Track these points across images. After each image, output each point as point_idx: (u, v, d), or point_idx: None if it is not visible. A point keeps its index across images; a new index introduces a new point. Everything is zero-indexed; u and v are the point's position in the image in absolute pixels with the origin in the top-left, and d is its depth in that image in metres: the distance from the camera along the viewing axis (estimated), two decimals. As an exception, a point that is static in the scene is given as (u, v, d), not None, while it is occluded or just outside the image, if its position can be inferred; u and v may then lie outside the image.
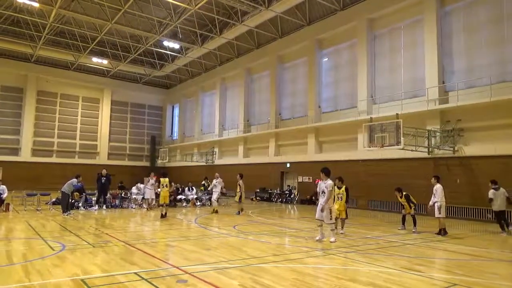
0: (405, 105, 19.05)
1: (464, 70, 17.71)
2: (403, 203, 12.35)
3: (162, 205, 15.06)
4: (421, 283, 5.90)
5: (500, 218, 12.16)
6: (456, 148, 16.90)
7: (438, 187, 11.53)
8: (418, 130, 16.99)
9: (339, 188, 11.11)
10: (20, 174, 32.40)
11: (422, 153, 17.41)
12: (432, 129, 17.50)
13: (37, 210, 16.29)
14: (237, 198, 16.98)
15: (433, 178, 11.95)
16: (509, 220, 12.81)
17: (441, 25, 18.48)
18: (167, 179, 15.45)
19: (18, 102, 36.50)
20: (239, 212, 16.70)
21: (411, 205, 12.14)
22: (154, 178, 18.02)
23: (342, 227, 11.17)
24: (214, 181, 17.63)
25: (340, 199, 11.00)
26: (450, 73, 18.19)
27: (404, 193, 12.26)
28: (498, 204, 11.95)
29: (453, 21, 18.34)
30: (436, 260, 8.20)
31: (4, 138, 35.51)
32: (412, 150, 16.77)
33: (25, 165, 34.97)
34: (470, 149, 16.50)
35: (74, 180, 15.37)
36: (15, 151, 35.97)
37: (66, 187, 15.09)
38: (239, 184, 16.84)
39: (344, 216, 11.12)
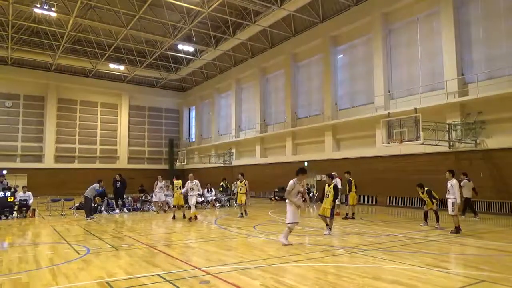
0: (423, 99, 18.70)
1: (484, 61, 17.27)
2: (424, 199, 12.12)
3: (174, 207, 15.26)
4: (447, 280, 5.78)
5: (466, 204, 14.43)
6: (478, 141, 16.50)
7: (455, 183, 10.74)
8: (438, 124, 16.65)
9: (328, 185, 10.65)
10: (44, 181, 33.28)
11: (443, 148, 17.06)
12: (453, 122, 17.14)
13: (62, 215, 16.71)
14: (243, 200, 15.13)
15: (447, 172, 11.06)
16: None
17: (459, 15, 18.07)
18: (180, 181, 15.62)
19: (40, 110, 37.55)
20: (242, 214, 15.15)
21: (433, 200, 11.90)
22: (163, 182, 18.12)
23: (329, 228, 10.47)
24: (189, 183, 14.71)
25: (327, 196, 10.52)
26: (469, 64, 17.77)
27: (425, 188, 12.03)
28: (466, 193, 14.19)
29: (470, 11, 17.91)
30: (461, 256, 8.01)
31: (28, 145, 36.60)
32: (432, 145, 16.45)
33: (49, 171, 35.91)
34: (493, 142, 16.07)
35: (96, 184, 15.69)
36: (39, 158, 36.98)
37: (88, 192, 15.42)
38: (245, 184, 15.26)
39: (328, 215, 10.35)
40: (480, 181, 15.91)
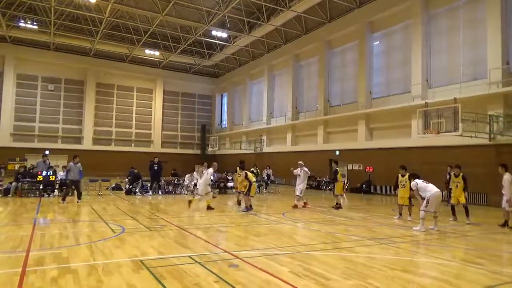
0: (463, 88, 17.86)
1: (532, 49, 16.23)
2: (457, 182, 11.54)
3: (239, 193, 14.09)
4: (482, 277, 5.60)
5: None
6: (522, 134, 15.65)
7: (505, 179, 10.08)
8: (478, 115, 15.90)
9: (403, 176, 11.61)
10: (83, 162, 34.02)
11: (483, 140, 16.30)
12: (494, 114, 16.30)
13: (99, 195, 17.46)
14: (241, 191, 13.17)
15: (500, 167, 10.44)
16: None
17: (506, 1, 16.98)
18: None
19: (80, 94, 39.04)
20: (247, 208, 12.90)
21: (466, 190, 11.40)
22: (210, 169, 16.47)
23: (410, 214, 11.51)
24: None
25: (403, 186, 11.54)
26: (517, 52, 16.76)
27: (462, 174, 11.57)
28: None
29: (520, -4, 16.81)
30: (499, 253, 7.71)
31: (68, 128, 38.29)
32: (471, 137, 15.75)
33: (87, 153, 37.16)
34: (539, 135, 15.19)
35: (71, 163, 14.78)
36: (78, 140, 38.62)
37: (72, 174, 14.49)
38: (246, 174, 13.09)
39: (407, 203, 11.50)
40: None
